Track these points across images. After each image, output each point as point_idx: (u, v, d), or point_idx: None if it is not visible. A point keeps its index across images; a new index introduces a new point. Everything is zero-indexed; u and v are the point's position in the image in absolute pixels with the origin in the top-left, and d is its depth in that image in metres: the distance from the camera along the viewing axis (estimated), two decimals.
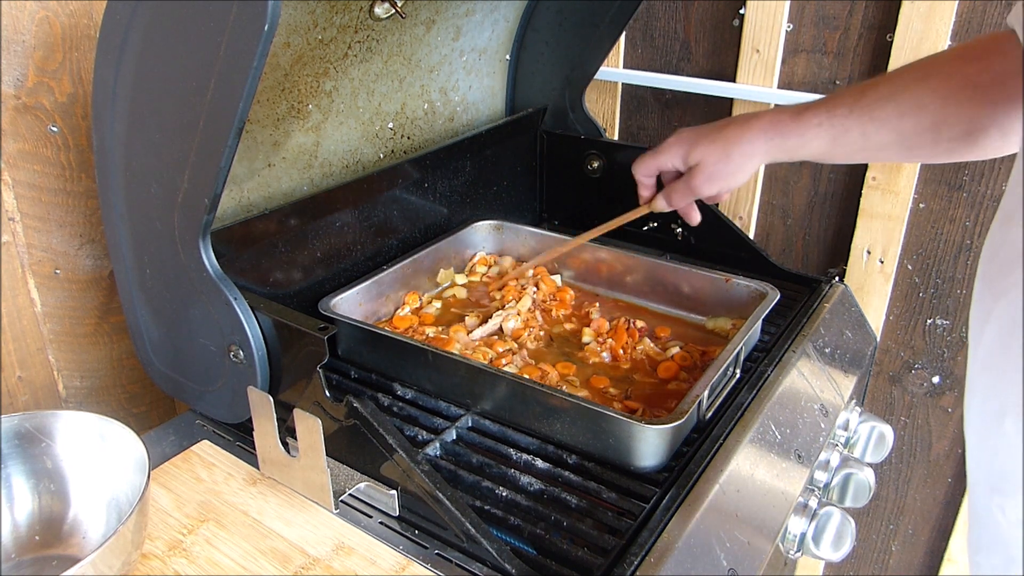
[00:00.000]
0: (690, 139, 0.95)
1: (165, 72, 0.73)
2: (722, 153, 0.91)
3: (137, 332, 0.91)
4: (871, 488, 1.02)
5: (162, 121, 0.75)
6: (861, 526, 1.51)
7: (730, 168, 0.91)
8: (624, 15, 1.28)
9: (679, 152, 0.96)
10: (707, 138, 0.93)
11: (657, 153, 0.98)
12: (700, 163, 0.93)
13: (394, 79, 1.17)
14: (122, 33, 0.73)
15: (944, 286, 1.31)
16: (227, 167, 0.71)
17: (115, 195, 0.82)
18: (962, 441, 1.36)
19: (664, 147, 0.98)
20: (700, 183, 0.94)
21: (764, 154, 0.90)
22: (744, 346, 0.96)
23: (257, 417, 0.80)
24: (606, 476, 0.83)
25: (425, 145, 1.28)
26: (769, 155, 0.90)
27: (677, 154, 0.96)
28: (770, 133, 0.88)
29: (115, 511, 0.77)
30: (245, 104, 0.67)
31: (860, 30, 1.28)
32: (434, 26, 1.16)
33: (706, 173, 0.93)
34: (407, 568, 0.75)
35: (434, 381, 0.94)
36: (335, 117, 1.09)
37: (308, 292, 1.05)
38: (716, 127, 0.93)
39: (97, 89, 0.77)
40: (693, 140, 0.94)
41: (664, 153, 0.97)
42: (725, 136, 0.91)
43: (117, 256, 0.87)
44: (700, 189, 0.95)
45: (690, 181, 0.95)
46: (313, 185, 1.10)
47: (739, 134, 0.90)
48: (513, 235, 1.29)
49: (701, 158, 0.93)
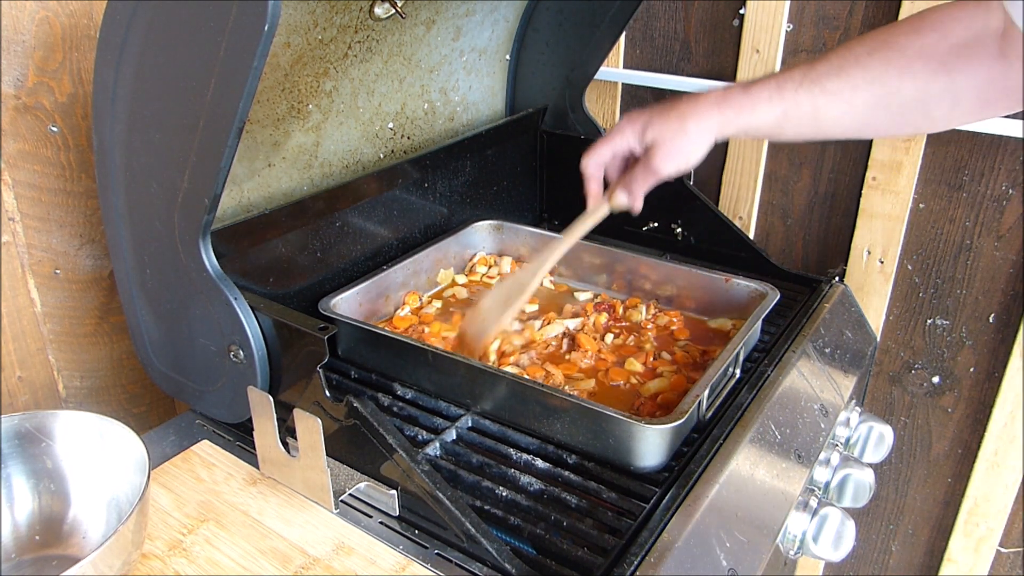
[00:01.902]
0: (643, 119, 0.92)
1: (165, 72, 0.73)
2: (678, 128, 0.89)
3: (137, 332, 0.91)
4: (871, 488, 1.02)
5: (162, 121, 0.75)
6: (861, 526, 1.51)
7: (687, 143, 0.89)
8: (624, 15, 1.28)
9: (633, 132, 0.92)
10: (660, 116, 0.91)
11: (610, 137, 0.95)
12: (656, 140, 0.91)
13: (394, 79, 1.17)
14: (122, 33, 0.73)
15: (944, 286, 1.31)
16: (227, 167, 0.71)
17: (115, 195, 0.82)
18: (962, 441, 1.36)
19: (616, 130, 0.95)
20: (659, 161, 0.91)
21: (718, 128, 0.88)
22: (744, 346, 0.96)
23: (257, 417, 0.80)
24: (606, 476, 0.83)
25: (425, 145, 1.28)
26: (722, 129, 0.88)
27: (631, 134, 0.93)
28: (722, 106, 0.87)
29: (115, 511, 0.77)
30: (245, 104, 0.67)
31: (860, 30, 1.28)
32: (434, 26, 1.16)
33: (664, 150, 0.90)
34: (407, 568, 0.75)
35: (434, 381, 0.94)
36: (335, 117, 1.09)
37: (308, 292, 1.05)
38: (667, 105, 0.91)
39: (97, 89, 0.77)
40: (647, 119, 0.92)
41: (618, 135, 0.94)
42: (679, 111, 0.90)
43: (117, 256, 0.87)
44: (660, 168, 0.91)
45: (649, 162, 0.92)
46: (313, 185, 1.10)
47: (691, 108, 0.89)
48: (513, 235, 1.29)
49: (657, 135, 0.90)
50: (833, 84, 0.82)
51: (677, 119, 0.89)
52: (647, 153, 0.92)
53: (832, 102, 0.82)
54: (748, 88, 0.87)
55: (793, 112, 0.84)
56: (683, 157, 0.90)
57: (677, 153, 0.90)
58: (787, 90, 0.84)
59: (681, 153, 0.90)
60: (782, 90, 0.84)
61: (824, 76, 0.82)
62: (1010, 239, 1.23)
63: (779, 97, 0.84)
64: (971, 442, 1.35)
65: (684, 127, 0.89)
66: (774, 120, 0.85)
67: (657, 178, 0.93)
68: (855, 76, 0.81)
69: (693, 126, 0.88)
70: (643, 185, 0.94)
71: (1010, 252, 1.24)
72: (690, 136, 0.89)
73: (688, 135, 0.89)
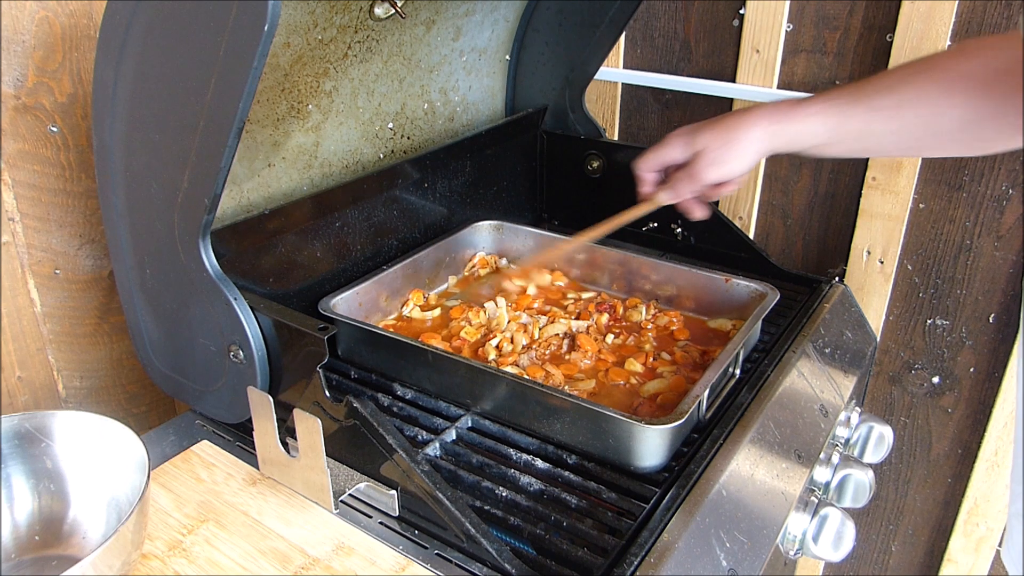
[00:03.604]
0: (692, 129, 0.96)
1: (165, 72, 0.73)
2: (725, 137, 0.92)
3: (137, 332, 0.91)
4: (871, 488, 1.02)
5: (162, 121, 0.75)
6: (861, 526, 1.51)
7: (733, 153, 0.91)
8: (624, 15, 1.28)
9: (681, 142, 0.96)
10: (709, 126, 0.94)
11: (659, 146, 0.99)
12: (703, 149, 0.93)
13: (394, 79, 1.17)
14: (122, 33, 0.73)
15: (944, 286, 1.31)
16: (227, 167, 0.71)
17: (115, 195, 0.82)
18: (962, 441, 1.36)
19: (665, 140, 0.98)
20: (703, 168, 0.94)
21: (766, 139, 0.90)
22: (744, 346, 0.96)
23: (257, 417, 0.80)
24: (606, 476, 0.83)
25: (425, 145, 1.28)
26: (770, 141, 0.90)
27: (679, 144, 0.96)
28: (772, 118, 0.89)
29: (115, 511, 0.77)
30: (245, 104, 0.67)
31: (860, 30, 1.28)
32: (434, 26, 1.16)
33: (709, 158, 0.93)
34: (407, 568, 0.75)
35: (434, 381, 0.94)
36: (335, 117, 1.09)
37: (308, 292, 1.05)
38: (718, 118, 0.95)
39: (97, 89, 0.77)
40: (695, 129, 0.95)
41: (666, 145, 0.98)
42: (727, 123, 0.92)
43: (117, 256, 0.87)
44: (703, 174, 0.94)
45: (693, 167, 0.95)
46: (313, 185, 1.10)
47: (741, 119, 0.91)
48: (513, 235, 1.29)
49: (704, 144, 0.93)
50: (882, 101, 0.83)
51: (724, 129, 0.92)
52: (693, 159, 0.94)
53: (881, 119, 0.84)
54: (798, 102, 0.89)
55: (843, 127, 0.86)
56: (727, 166, 0.92)
57: (721, 161, 0.92)
58: (838, 105, 0.86)
59: (725, 162, 0.92)
60: (833, 105, 0.86)
61: (874, 93, 0.84)
62: (1010, 239, 1.23)
63: (831, 110, 0.86)
64: (971, 442, 1.35)
65: (731, 136, 0.91)
66: (824, 134, 0.87)
67: (699, 184, 0.95)
68: (902, 93, 0.82)
69: (741, 135, 0.90)
70: (686, 188, 0.97)
71: (1010, 252, 1.24)
72: (736, 145, 0.90)
73: (734, 144, 0.91)
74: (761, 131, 0.89)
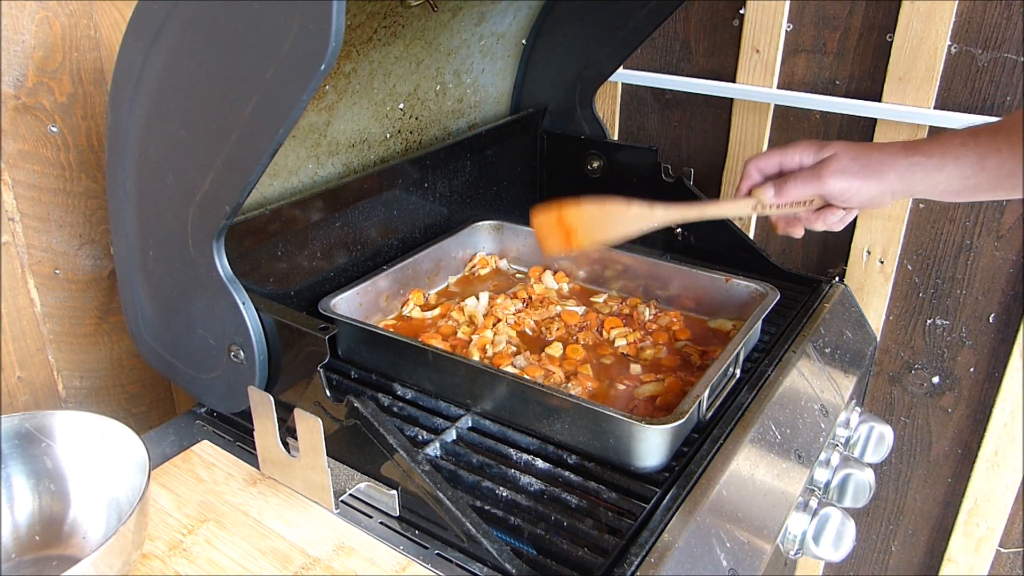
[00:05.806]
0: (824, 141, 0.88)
1: (200, 72, 0.70)
2: (860, 151, 0.85)
3: (130, 306, 0.90)
4: (871, 488, 1.02)
5: (189, 119, 0.73)
6: (861, 526, 1.51)
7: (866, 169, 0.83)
8: (650, 23, 1.25)
9: (812, 146, 0.88)
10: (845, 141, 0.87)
11: (783, 148, 0.90)
12: (835, 154, 0.86)
13: (412, 61, 1.15)
14: (159, 19, 0.70)
15: (944, 286, 1.31)
16: (255, 182, 0.70)
17: (124, 174, 0.81)
18: (962, 441, 1.36)
19: (793, 144, 0.90)
20: (830, 173, 0.84)
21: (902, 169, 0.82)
22: (744, 346, 0.96)
23: (258, 417, 0.80)
24: (606, 476, 0.83)
25: (430, 125, 1.27)
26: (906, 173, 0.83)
27: (808, 149, 0.88)
28: (910, 149, 0.83)
29: (115, 511, 0.77)
30: (285, 131, 0.65)
31: (860, 30, 1.28)
32: (460, 12, 1.15)
33: (839, 164, 0.84)
34: (407, 568, 0.75)
35: (434, 381, 0.94)
36: (350, 97, 1.08)
37: (308, 292, 1.05)
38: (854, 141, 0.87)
39: (121, 67, 0.75)
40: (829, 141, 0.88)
41: (792, 148, 0.89)
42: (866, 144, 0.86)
43: (119, 231, 0.85)
44: (827, 178, 0.84)
45: (819, 169, 0.85)
46: (319, 163, 1.09)
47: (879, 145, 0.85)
48: (513, 235, 1.29)
49: (837, 150, 0.86)
50: None
51: (862, 147, 0.85)
52: (821, 162, 0.86)
53: None
54: (937, 137, 0.82)
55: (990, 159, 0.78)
56: (855, 180, 0.84)
57: (851, 173, 0.84)
58: (983, 137, 0.79)
59: (854, 175, 0.84)
60: (976, 137, 0.79)
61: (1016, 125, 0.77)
62: (1010, 239, 1.23)
63: (974, 143, 0.79)
64: (971, 442, 1.35)
65: (866, 152, 0.84)
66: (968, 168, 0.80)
67: (819, 188, 0.85)
68: None
69: (875, 156, 0.84)
70: (798, 189, 0.87)
71: (1010, 252, 1.24)
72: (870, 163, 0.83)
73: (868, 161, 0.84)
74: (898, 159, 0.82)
